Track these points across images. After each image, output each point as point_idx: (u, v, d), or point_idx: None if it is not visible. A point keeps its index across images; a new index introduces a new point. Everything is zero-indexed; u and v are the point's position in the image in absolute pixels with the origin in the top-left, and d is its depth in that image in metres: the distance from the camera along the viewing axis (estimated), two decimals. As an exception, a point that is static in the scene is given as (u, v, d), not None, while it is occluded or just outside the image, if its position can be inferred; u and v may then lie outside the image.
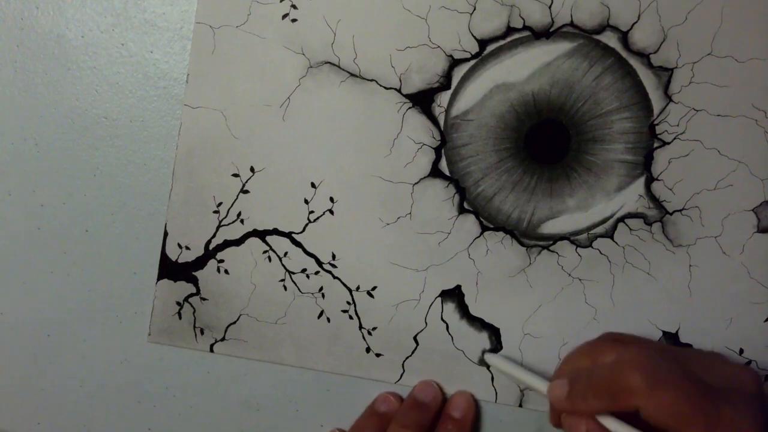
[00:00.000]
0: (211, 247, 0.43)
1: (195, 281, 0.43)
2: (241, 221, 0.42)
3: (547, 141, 0.42)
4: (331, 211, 0.42)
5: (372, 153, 0.42)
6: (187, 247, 0.43)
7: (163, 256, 0.43)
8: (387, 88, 0.42)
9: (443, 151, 0.42)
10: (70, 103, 0.42)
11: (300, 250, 0.42)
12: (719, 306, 0.42)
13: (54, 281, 0.43)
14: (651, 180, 0.41)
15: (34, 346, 0.44)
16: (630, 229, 0.42)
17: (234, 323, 0.43)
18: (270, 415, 0.44)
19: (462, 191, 0.42)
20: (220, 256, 0.43)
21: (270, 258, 0.43)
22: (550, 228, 0.42)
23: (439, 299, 0.42)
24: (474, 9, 0.41)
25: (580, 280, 0.42)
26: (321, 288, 0.43)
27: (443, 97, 0.42)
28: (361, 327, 0.43)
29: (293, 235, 0.42)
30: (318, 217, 0.42)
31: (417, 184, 0.42)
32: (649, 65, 0.41)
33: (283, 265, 0.43)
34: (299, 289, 0.43)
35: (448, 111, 0.42)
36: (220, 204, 0.42)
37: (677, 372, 0.34)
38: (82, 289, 0.43)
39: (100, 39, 0.42)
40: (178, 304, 0.43)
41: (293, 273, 0.43)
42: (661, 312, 0.42)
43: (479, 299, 0.42)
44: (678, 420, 0.33)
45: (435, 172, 0.42)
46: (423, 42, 0.41)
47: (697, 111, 0.41)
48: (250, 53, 0.42)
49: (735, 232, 0.41)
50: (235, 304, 0.43)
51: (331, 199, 0.42)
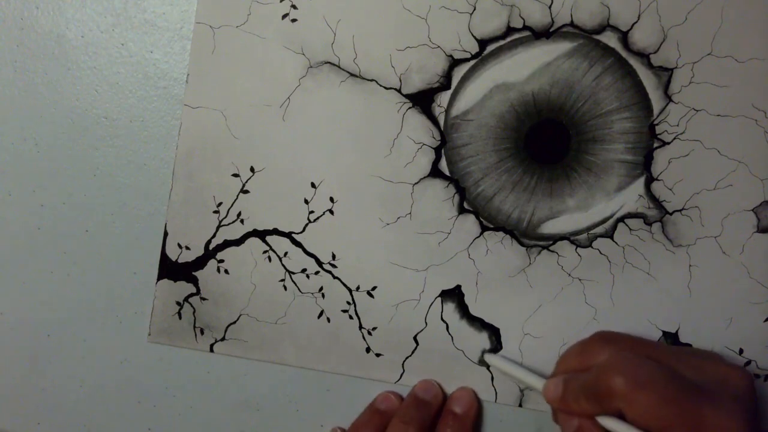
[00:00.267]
0: (211, 247, 0.43)
1: (195, 281, 0.43)
2: (241, 221, 0.42)
3: (547, 141, 0.42)
4: (331, 211, 0.42)
5: (372, 153, 0.42)
6: (187, 247, 0.43)
7: (163, 256, 0.43)
8: (387, 88, 0.42)
9: (443, 151, 0.42)
10: (70, 103, 0.42)
11: (300, 250, 0.42)
12: (719, 306, 0.42)
13: (54, 281, 0.43)
14: (651, 180, 0.41)
15: (34, 346, 0.44)
16: (630, 229, 0.42)
17: (234, 323, 0.43)
18: (270, 415, 0.44)
19: (462, 191, 0.42)
20: (220, 256, 0.43)
21: (270, 258, 0.43)
22: (550, 228, 0.42)
23: (439, 299, 0.42)
24: (474, 9, 0.41)
25: (580, 280, 0.42)
26: (321, 288, 0.43)
27: (443, 97, 0.42)
28: (361, 327, 0.43)
29: (293, 235, 0.42)
30: (318, 217, 0.42)
31: (417, 184, 0.42)
32: (649, 65, 0.41)
33: (283, 265, 0.43)
34: (299, 289, 0.43)
35: (448, 111, 0.42)
36: (220, 204, 0.42)
37: (659, 374, 0.34)
38: (82, 289, 0.43)
39: (100, 39, 0.42)
40: (178, 304, 0.43)
41: (293, 273, 0.43)
42: (661, 312, 0.42)
43: (479, 299, 0.42)
44: (660, 422, 0.33)
45: (435, 172, 0.42)
46: (423, 42, 0.41)
47: (697, 111, 0.41)
48: (250, 53, 0.42)
49: (735, 232, 0.41)
50: (235, 304, 0.43)
51: (331, 199, 0.42)
